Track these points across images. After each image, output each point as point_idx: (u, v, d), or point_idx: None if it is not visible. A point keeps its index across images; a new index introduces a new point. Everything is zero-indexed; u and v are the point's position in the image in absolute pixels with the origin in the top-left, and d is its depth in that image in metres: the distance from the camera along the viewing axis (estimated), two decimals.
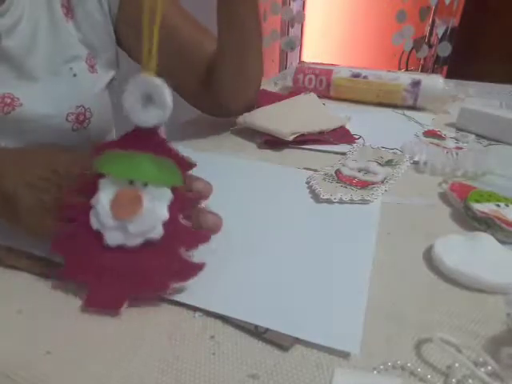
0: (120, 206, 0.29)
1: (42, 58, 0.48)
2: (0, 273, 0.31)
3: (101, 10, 0.52)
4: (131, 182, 0.29)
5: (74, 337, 0.26)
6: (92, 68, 0.53)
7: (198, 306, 0.28)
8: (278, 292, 0.30)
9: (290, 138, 0.56)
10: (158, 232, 0.29)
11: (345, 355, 0.25)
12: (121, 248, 0.29)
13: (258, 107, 0.64)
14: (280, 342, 0.26)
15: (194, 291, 0.29)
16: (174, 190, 0.29)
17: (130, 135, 0.31)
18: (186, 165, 0.30)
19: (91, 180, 0.30)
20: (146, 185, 0.29)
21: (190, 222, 0.30)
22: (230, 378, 0.23)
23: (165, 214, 0.29)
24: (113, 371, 0.24)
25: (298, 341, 0.26)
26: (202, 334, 0.26)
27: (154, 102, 0.29)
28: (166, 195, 0.29)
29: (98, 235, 0.29)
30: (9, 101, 0.46)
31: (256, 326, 0.27)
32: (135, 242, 0.29)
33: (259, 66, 0.59)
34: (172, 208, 0.29)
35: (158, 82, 0.29)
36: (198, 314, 0.28)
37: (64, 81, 0.50)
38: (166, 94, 0.29)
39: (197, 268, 0.29)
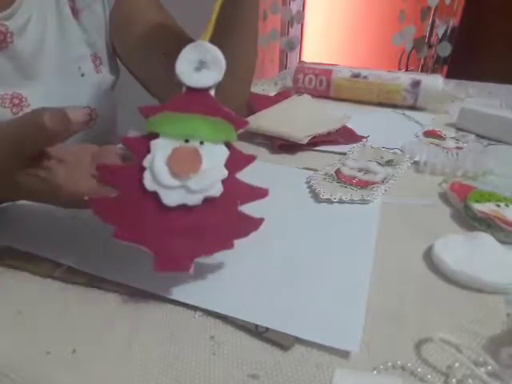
0: (179, 162, 0.28)
1: (51, 57, 0.49)
2: (0, 273, 0.31)
3: (103, 11, 0.52)
4: (186, 141, 0.29)
5: (74, 337, 0.26)
6: (97, 68, 0.53)
7: (198, 305, 0.28)
8: (278, 292, 0.30)
9: (305, 142, 0.56)
10: (217, 189, 0.28)
11: (345, 355, 0.25)
12: (179, 208, 0.28)
13: (255, 110, 0.64)
14: (280, 342, 0.26)
15: (194, 291, 0.29)
16: (230, 149, 0.29)
17: (181, 97, 0.31)
18: (238, 123, 0.30)
19: (139, 142, 0.29)
20: (201, 143, 0.29)
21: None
22: (229, 378, 0.23)
23: (224, 172, 0.29)
24: (113, 371, 0.24)
25: (298, 340, 0.26)
26: (201, 334, 0.26)
27: (208, 66, 0.30)
28: (223, 152, 0.29)
29: (150, 197, 0.28)
30: (17, 101, 0.46)
31: (256, 326, 0.27)
32: (196, 199, 0.28)
33: (254, 65, 0.59)
34: (229, 165, 0.29)
35: (213, 46, 0.31)
36: (198, 313, 0.28)
37: (72, 80, 0.51)
38: (221, 56, 0.30)
39: (257, 223, 0.29)
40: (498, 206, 0.39)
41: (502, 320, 0.28)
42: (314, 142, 0.57)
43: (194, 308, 0.28)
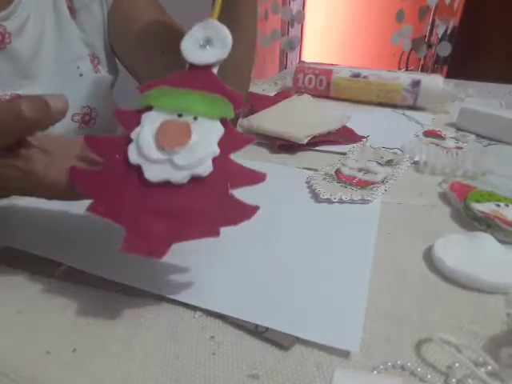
0: (166, 135, 0.27)
1: (49, 58, 0.49)
2: (0, 272, 0.31)
3: (101, 11, 0.52)
4: (180, 116, 0.28)
5: (74, 337, 0.26)
6: (95, 68, 0.53)
7: (198, 305, 0.28)
8: (278, 291, 0.30)
9: (305, 142, 0.56)
10: (206, 167, 0.26)
11: (345, 355, 0.25)
12: (163, 185, 0.26)
13: (255, 110, 0.64)
14: (280, 342, 0.25)
15: (193, 291, 0.29)
16: (226, 127, 0.27)
17: (182, 73, 0.30)
18: (239, 102, 0.28)
19: (131, 115, 0.28)
20: (196, 119, 0.28)
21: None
22: (229, 378, 0.23)
23: (214, 148, 0.26)
24: (112, 371, 0.24)
25: (298, 340, 0.26)
26: (201, 334, 0.26)
27: (213, 44, 0.30)
28: (217, 130, 0.27)
29: (133, 172, 0.26)
30: None
31: (256, 326, 0.26)
32: (181, 176, 0.26)
33: (251, 65, 0.59)
34: (222, 144, 0.27)
35: (221, 24, 0.30)
36: (198, 313, 0.28)
37: (70, 80, 0.51)
38: (227, 34, 0.30)
39: (250, 211, 0.26)
40: (498, 205, 0.39)
41: (502, 320, 0.28)
42: (314, 142, 0.57)
43: (194, 308, 0.28)
